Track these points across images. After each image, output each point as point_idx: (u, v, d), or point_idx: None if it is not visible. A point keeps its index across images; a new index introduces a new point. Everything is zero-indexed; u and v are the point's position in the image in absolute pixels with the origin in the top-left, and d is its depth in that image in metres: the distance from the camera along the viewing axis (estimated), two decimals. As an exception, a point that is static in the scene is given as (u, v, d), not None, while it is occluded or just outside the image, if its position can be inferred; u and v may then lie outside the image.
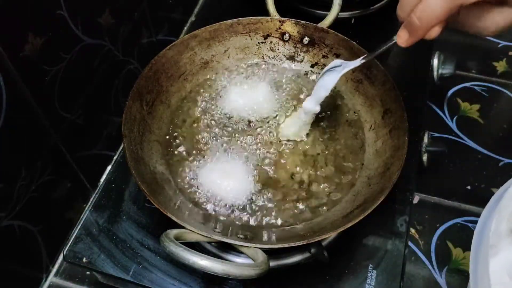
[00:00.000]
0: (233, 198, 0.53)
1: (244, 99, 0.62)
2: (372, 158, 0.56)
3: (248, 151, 0.57)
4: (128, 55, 0.67)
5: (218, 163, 0.56)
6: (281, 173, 0.55)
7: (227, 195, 0.53)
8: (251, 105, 0.61)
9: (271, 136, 0.58)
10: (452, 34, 0.90)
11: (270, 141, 0.58)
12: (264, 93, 0.62)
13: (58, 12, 0.50)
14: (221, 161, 0.56)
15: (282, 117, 0.60)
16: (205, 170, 0.55)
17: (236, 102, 0.62)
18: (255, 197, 0.53)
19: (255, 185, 0.54)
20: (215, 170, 0.55)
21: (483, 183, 0.70)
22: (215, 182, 0.54)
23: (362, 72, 0.60)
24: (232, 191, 0.53)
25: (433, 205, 0.68)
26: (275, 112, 0.61)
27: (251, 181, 0.54)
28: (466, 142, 0.75)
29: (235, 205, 0.52)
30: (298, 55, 0.65)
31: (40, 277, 0.60)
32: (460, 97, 0.81)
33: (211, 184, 0.54)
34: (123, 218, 0.58)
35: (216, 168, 0.55)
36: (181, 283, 0.53)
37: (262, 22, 0.64)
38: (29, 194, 0.53)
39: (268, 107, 0.61)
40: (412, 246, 0.64)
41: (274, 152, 0.57)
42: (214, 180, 0.54)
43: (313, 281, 0.53)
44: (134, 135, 0.54)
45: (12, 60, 0.46)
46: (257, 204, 0.53)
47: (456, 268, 0.62)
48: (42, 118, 0.52)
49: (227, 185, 0.54)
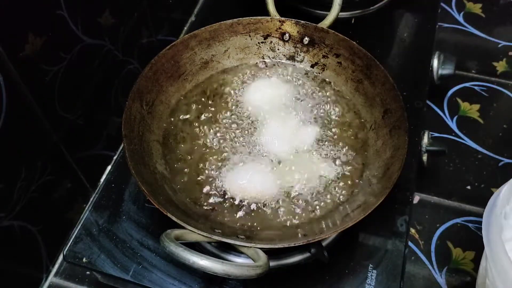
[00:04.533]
0: (233, 198, 0.53)
1: (244, 99, 0.62)
2: (372, 158, 0.56)
3: (249, 151, 0.57)
4: (128, 55, 0.67)
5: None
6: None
7: (227, 195, 0.53)
8: (251, 104, 0.61)
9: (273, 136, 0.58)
10: (452, 34, 0.90)
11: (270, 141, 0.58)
12: (265, 93, 0.62)
13: (58, 12, 0.50)
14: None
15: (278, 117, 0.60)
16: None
17: (236, 102, 0.62)
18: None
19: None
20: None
21: (483, 183, 0.70)
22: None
23: (362, 72, 0.60)
24: (233, 191, 0.53)
25: (433, 205, 0.68)
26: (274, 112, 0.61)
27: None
28: (466, 142, 0.75)
29: (235, 205, 0.52)
30: (298, 55, 0.65)
31: (40, 277, 0.60)
32: (460, 97, 0.81)
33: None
34: (123, 218, 0.58)
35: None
36: (181, 283, 0.53)
37: (262, 22, 0.64)
38: (29, 194, 0.53)
39: (268, 107, 0.61)
40: (412, 246, 0.64)
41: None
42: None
43: (313, 281, 0.53)
44: (134, 135, 0.54)
45: (12, 60, 0.46)
46: (257, 204, 0.53)
47: (456, 268, 0.62)
48: (42, 118, 0.52)
49: (227, 185, 0.54)
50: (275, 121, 0.60)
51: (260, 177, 0.54)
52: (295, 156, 0.56)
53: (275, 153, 0.57)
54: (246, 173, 0.55)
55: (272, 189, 0.54)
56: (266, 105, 0.61)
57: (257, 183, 0.54)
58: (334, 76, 0.64)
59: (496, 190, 0.50)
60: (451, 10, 0.94)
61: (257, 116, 0.60)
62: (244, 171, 0.55)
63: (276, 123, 0.60)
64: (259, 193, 0.53)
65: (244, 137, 0.58)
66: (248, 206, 0.52)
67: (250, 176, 0.54)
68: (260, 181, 0.54)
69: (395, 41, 0.78)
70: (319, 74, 0.65)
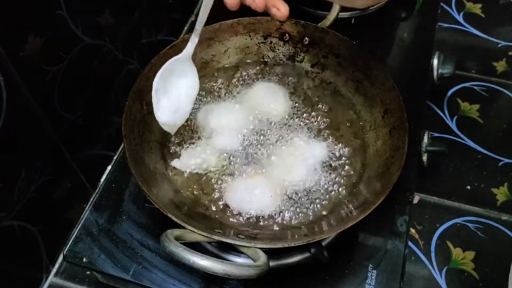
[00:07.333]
0: (233, 197, 0.53)
1: (244, 99, 0.62)
2: (372, 158, 0.56)
3: (248, 152, 0.57)
4: (128, 55, 0.67)
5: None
6: (281, 173, 0.55)
7: (227, 195, 0.53)
8: (250, 105, 0.61)
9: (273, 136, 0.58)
10: (452, 34, 0.90)
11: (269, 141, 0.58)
12: (264, 93, 0.62)
13: (58, 12, 0.50)
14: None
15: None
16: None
17: (236, 102, 0.62)
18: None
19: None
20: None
21: (483, 183, 0.70)
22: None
23: (362, 72, 0.60)
24: (233, 191, 0.53)
25: (433, 205, 0.68)
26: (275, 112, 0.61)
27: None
28: (466, 142, 0.75)
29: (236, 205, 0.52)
30: (298, 55, 0.65)
31: (40, 277, 0.60)
32: (460, 97, 0.81)
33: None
34: (123, 218, 0.58)
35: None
36: (181, 283, 0.53)
37: (262, 22, 0.64)
38: (29, 194, 0.53)
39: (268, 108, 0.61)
40: (412, 246, 0.64)
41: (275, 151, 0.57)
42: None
43: (313, 281, 0.53)
44: (134, 135, 0.54)
45: (12, 60, 0.46)
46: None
47: (456, 268, 0.62)
48: (42, 118, 0.52)
49: (227, 185, 0.54)
50: (275, 120, 0.60)
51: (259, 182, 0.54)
52: (295, 156, 0.56)
53: (275, 153, 0.57)
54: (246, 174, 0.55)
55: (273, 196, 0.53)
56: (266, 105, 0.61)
57: (256, 197, 0.52)
58: (334, 76, 0.64)
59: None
60: (451, 10, 0.94)
61: (257, 118, 0.60)
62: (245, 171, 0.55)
63: (277, 123, 0.60)
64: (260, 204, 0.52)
65: (244, 137, 0.58)
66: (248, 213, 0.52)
67: (249, 187, 0.53)
68: (259, 193, 0.53)
69: (395, 41, 0.78)
70: (319, 74, 0.65)
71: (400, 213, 0.57)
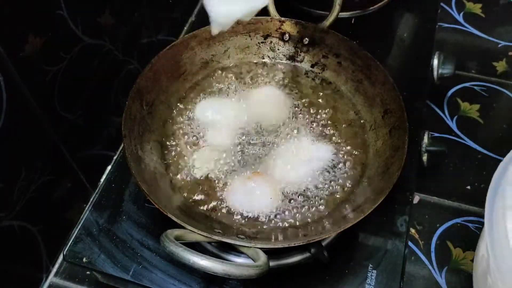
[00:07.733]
0: (233, 198, 0.53)
1: (244, 100, 0.62)
2: (372, 158, 0.56)
3: (248, 152, 0.57)
4: (128, 55, 0.67)
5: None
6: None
7: (228, 195, 0.53)
8: (250, 104, 0.61)
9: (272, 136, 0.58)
10: (452, 34, 0.90)
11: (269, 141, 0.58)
12: (265, 94, 0.62)
13: (58, 12, 0.50)
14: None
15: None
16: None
17: (236, 102, 0.62)
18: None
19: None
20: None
21: (483, 183, 0.70)
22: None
23: (362, 72, 0.60)
24: (234, 191, 0.53)
25: (433, 205, 0.68)
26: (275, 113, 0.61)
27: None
28: (466, 142, 0.75)
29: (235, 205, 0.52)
30: (298, 55, 0.65)
31: (40, 277, 0.60)
32: (460, 97, 0.81)
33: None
34: (123, 218, 0.58)
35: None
36: (181, 283, 0.53)
37: (262, 22, 0.64)
38: (29, 194, 0.53)
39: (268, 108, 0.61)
40: (412, 246, 0.64)
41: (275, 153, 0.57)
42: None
43: (313, 281, 0.53)
44: (134, 135, 0.54)
45: (12, 60, 0.46)
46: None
47: (456, 268, 0.62)
48: (42, 118, 0.52)
49: (228, 185, 0.54)
50: (275, 121, 0.60)
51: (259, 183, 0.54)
52: (295, 156, 0.56)
53: (275, 153, 0.57)
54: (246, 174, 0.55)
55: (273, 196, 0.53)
56: (267, 105, 0.61)
57: (256, 198, 0.53)
58: (334, 76, 0.64)
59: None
60: (451, 10, 0.94)
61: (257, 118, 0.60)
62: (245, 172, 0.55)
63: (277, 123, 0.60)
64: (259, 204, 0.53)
65: (244, 137, 0.58)
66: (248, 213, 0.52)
67: (249, 187, 0.53)
68: (259, 194, 0.53)
69: (395, 41, 0.78)
70: (319, 74, 0.65)
71: (400, 213, 0.57)
